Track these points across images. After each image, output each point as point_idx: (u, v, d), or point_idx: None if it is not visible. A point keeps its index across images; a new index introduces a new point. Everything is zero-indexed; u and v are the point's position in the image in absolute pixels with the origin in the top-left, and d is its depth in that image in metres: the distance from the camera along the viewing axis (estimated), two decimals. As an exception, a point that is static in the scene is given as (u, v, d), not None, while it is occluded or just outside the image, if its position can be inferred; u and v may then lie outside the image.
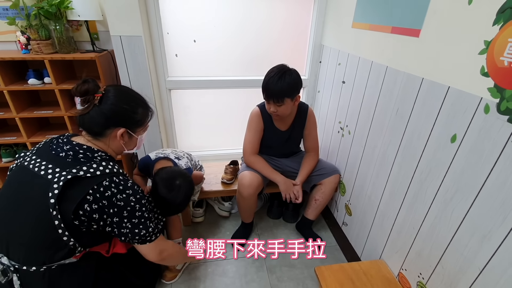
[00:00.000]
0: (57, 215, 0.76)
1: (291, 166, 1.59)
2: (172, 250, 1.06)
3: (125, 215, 0.85)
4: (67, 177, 0.77)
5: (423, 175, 0.97)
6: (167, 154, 1.37)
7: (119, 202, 0.83)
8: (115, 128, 0.89)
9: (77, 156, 0.83)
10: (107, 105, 0.87)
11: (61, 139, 0.87)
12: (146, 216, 0.90)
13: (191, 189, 1.21)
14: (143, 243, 0.93)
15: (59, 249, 0.82)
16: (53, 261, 0.84)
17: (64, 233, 0.78)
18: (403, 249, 1.09)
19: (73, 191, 0.78)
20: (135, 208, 0.86)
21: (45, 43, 1.46)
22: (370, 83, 1.26)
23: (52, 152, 0.84)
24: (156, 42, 1.57)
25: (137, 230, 0.88)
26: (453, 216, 0.86)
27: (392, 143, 1.12)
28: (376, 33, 1.20)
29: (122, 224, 0.85)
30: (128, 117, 0.92)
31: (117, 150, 0.94)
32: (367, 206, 1.33)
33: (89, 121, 0.87)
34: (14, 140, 1.61)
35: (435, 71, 0.91)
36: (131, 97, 0.95)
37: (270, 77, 1.27)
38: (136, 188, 0.89)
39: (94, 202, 0.79)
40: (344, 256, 1.56)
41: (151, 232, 0.92)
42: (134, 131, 0.95)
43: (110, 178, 0.83)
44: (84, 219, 0.80)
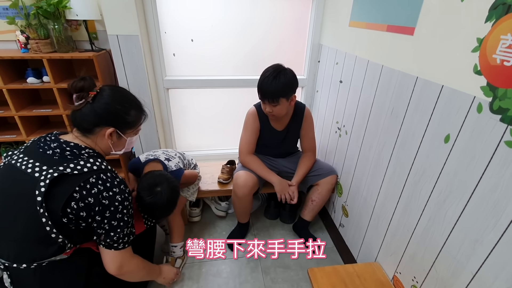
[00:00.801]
0: (45, 213, 0.76)
1: (287, 166, 1.58)
2: (135, 268, 1.00)
3: (107, 215, 0.83)
4: (53, 174, 0.77)
5: (417, 176, 0.95)
6: (157, 155, 1.35)
7: (104, 201, 0.82)
8: (104, 126, 0.89)
9: (64, 153, 0.83)
10: (100, 103, 0.87)
11: (48, 137, 0.87)
12: (125, 220, 0.88)
13: (175, 193, 1.20)
14: (109, 247, 0.89)
15: (49, 246, 0.81)
16: (43, 258, 0.84)
17: (52, 230, 0.78)
18: (397, 252, 1.07)
19: (60, 189, 0.77)
20: (118, 209, 0.85)
21: (44, 42, 1.48)
22: (366, 82, 1.24)
23: (40, 150, 0.84)
24: (153, 41, 1.57)
25: (112, 233, 0.86)
26: (446, 219, 0.84)
27: (387, 144, 1.10)
28: (372, 31, 1.18)
29: (101, 224, 0.84)
30: (119, 117, 0.91)
31: (105, 149, 0.94)
32: (363, 208, 1.31)
33: (80, 118, 0.88)
34: (13, 138, 1.63)
35: (429, 69, 0.89)
36: (126, 98, 0.95)
37: (265, 77, 1.26)
38: (123, 188, 0.88)
39: (81, 199, 0.79)
40: (341, 258, 1.53)
41: (121, 238, 0.89)
42: (124, 132, 0.94)
43: (97, 175, 0.83)
44: (72, 217, 0.79)
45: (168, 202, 1.15)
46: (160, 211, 1.17)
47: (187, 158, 1.53)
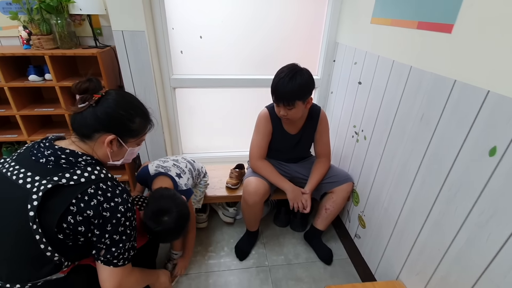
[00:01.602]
0: (38, 229, 0.68)
1: (300, 172, 1.49)
2: (134, 284, 0.92)
3: (108, 229, 0.75)
4: (47, 186, 0.69)
5: (452, 191, 0.85)
6: (168, 168, 1.25)
7: (105, 213, 0.74)
8: (104, 133, 0.80)
9: (59, 161, 0.75)
10: (102, 107, 0.79)
11: (42, 143, 0.79)
12: (127, 233, 0.81)
13: (185, 221, 1.08)
14: (107, 264, 0.80)
15: (44, 264, 0.74)
16: (38, 277, 0.76)
17: (47, 248, 0.70)
18: (425, 272, 0.97)
19: (54, 202, 0.69)
20: (120, 222, 0.77)
21: (46, 38, 1.40)
22: (391, 84, 1.13)
23: (33, 158, 0.76)
24: (160, 38, 1.49)
25: (113, 248, 0.78)
26: (490, 242, 0.74)
27: (415, 152, 1.00)
28: (398, 29, 1.07)
29: (101, 239, 0.76)
30: (122, 124, 0.83)
31: (102, 158, 0.85)
32: (384, 220, 1.21)
33: (80, 121, 0.79)
34: (15, 138, 1.56)
35: (470, 72, 0.78)
36: (131, 104, 0.86)
37: (280, 78, 1.17)
38: (125, 197, 0.80)
39: (79, 213, 0.71)
40: (356, 271, 1.44)
41: (121, 253, 0.81)
42: (126, 141, 0.85)
43: (96, 184, 0.75)
44: (69, 232, 0.71)
45: (176, 230, 1.06)
46: (168, 239, 1.09)
47: (197, 167, 1.43)
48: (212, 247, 1.55)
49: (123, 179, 1.78)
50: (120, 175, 1.77)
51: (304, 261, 1.49)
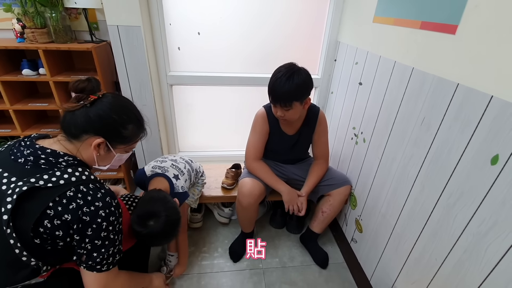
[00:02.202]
0: (12, 234, 0.64)
1: (297, 173, 1.45)
2: (121, 285, 0.88)
3: (88, 234, 0.72)
4: (22, 188, 0.65)
5: (452, 199, 0.81)
6: (166, 169, 1.21)
7: (85, 217, 0.71)
8: (93, 135, 0.77)
9: (38, 162, 0.71)
10: (96, 108, 0.77)
11: (24, 141, 0.76)
12: (110, 238, 0.77)
13: (173, 227, 1.01)
14: (90, 269, 0.77)
15: (20, 269, 0.70)
16: (15, 282, 0.72)
17: (22, 253, 0.67)
18: (421, 281, 0.94)
19: (30, 205, 0.66)
20: (101, 227, 0.73)
21: (40, 32, 1.38)
22: (392, 86, 1.10)
23: (12, 157, 0.72)
24: (157, 33, 1.46)
25: (95, 253, 0.75)
26: (488, 254, 0.71)
27: (415, 157, 0.97)
28: (401, 28, 1.04)
29: (81, 244, 0.72)
30: (113, 128, 0.80)
31: (87, 160, 0.81)
32: (381, 225, 1.18)
33: (70, 120, 0.77)
34: (8, 133, 1.54)
35: (474, 76, 0.75)
36: (126, 110, 0.83)
37: (277, 78, 1.13)
38: (108, 200, 0.76)
39: (56, 217, 0.67)
40: (352, 276, 1.41)
41: (105, 258, 0.77)
42: (114, 146, 0.82)
43: (76, 187, 0.71)
44: (47, 237, 0.68)
45: (163, 235, 1.00)
46: (154, 243, 1.03)
47: (194, 167, 1.40)
48: (205, 248, 1.52)
49: (118, 177, 1.76)
50: (115, 172, 1.75)
51: (299, 264, 1.46)
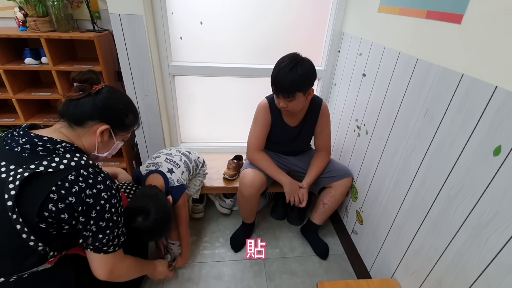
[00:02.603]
0: (18, 219, 0.65)
1: (299, 165, 1.45)
2: (126, 271, 0.92)
3: (93, 216, 0.74)
4: (23, 174, 0.66)
5: (453, 191, 0.81)
6: (159, 164, 1.22)
7: (88, 199, 0.72)
8: (99, 122, 0.80)
9: (36, 149, 0.72)
10: (102, 97, 0.81)
11: (16, 131, 0.76)
12: (114, 220, 0.79)
13: (160, 225, 1.03)
14: (97, 251, 0.79)
15: (28, 256, 0.72)
16: (22, 270, 0.74)
17: (29, 237, 0.68)
18: (420, 272, 0.95)
19: (33, 190, 0.67)
20: (105, 208, 0.76)
21: (42, 20, 1.37)
22: (396, 77, 1.08)
23: (6, 147, 0.73)
24: (159, 22, 1.44)
25: (100, 235, 0.77)
26: (488, 245, 0.71)
27: (417, 149, 0.96)
28: (407, 18, 1.02)
29: (86, 226, 0.74)
30: (118, 116, 0.85)
31: (88, 148, 0.83)
32: (381, 217, 1.18)
33: (75, 107, 0.79)
34: (12, 122, 1.56)
35: (479, 66, 0.74)
36: (127, 101, 0.90)
37: (280, 69, 1.12)
38: (109, 184, 0.78)
39: (60, 200, 0.68)
40: (352, 267, 1.42)
41: (111, 240, 0.80)
42: (116, 134, 0.87)
43: (77, 171, 0.72)
44: (52, 221, 0.69)
45: (152, 232, 1.02)
46: (145, 238, 1.05)
47: (193, 158, 1.40)
48: (207, 238, 1.54)
49: (121, 167, 1.77)
50: (118, 162, 1.77)
51: (300, 255, 1.47)
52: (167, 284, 1.28)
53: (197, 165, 1.42)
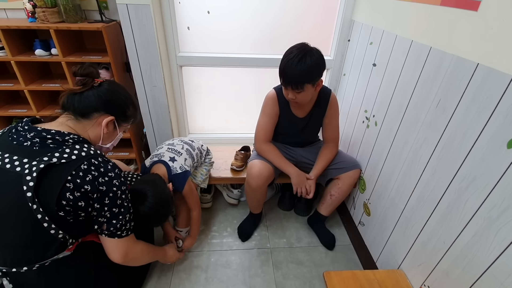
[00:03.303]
0: (39, 209, 0.69)
1: (306, 157, 1.45)
2: (139, 254, 0.97)
3: (106, 202, 0.78)
4: (39, 166, 0.69)
5: (464, 183, 0.80)
6: (161, 155, 1.25)
7: (102, 187, 0.76)
8: (104, 113, 0.84)
9: (45, 142, 0.74)
10: (105, 89, 0.85)
11: (20, 126, 0.78)
12: (125, 206, 0.84)
13: (157, 211, 1.06)
14: (112, 236, 0.85)
15: (49, 244, 0.76)
16: (44, 258, 0.78)
17: (50, 226, 0.72)
18: (428, 264, 0.95)
19: (50, 181, 0.70)
20: (117, 195, 0.80)
21: (51, 11, 1.38)
22: (407, 67, 1.06)
23: (14, 142, 0.74)
24: (166, 12, 1.43)
25: (114, 220, 0.82)
26: (498, 238, 0.70)
27: (428, 141, 0.95)
28: (420, 5, 0.98)
29: (101, 212, 0.78)
30: (121, 107, 0.90)
31: (94, 139, 0.86)
32: (389, 209, 1.18)
33: (80, 100, 0.81)
34: (24, 113, 1.59)
35: (495, 55, 0.71)
36: (127, 93, 0.95)
37: (288, 60, 1.10)
38: (118, 172, 0.82)
39: (76, 189, 0.72)
40: (358, 258, 1.43)
41: (124, 225, 0.85)
42: (119, 125, 0.92)
43: (89, 161, 0.76)
44: (70, 209, 0.73)
45: (151, 218, 1.05)
46: (145, 223, 1.07)
47: (196, 146, 1.41)
48: (215, 227, 1.57)
49: (130, 157, 1.80)
50: (127, 153, 1.79)
51: (306, 245, 1.49)
52: (176, 271, 1.31)
53: (201, 153, 1.44)
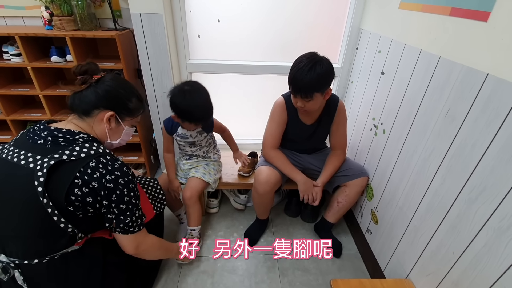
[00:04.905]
0: (49, 203, 0.72)
1: (313, 163, 1.46)
2: (151, 247, 1.01)
3: (113, 199, 0.80)
4: (50, 162, 0.72)
5: (474, 193, 0.79)
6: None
7: (109, 184, 0.78)
8: (104, 109, 0.85)
9: (57, 140, 0.79)
10: (103, 85, 0.85)
11: (37, 126, 0.83)
12: (133, 203, 0.86)
13: (206, 98, 1.20)
14: (124, 233, 0.88)
15: (59, 237, 0.79)
16: (55, 251, 0.81)
17: (60, 219, 0.75)
18: (436, 274, 0.94)
19: (59, 177, 0.73)
20: (124, 192, 0.82)
21: (67, 20, 1.43)
22: (416, 76, 1.06)
23: (30, 141, 0.79)
24: (178, 21, 1.47)
25: (122, 217, 0.85)
26: (508, 249, 0.69)
27: (437, 150, 0.95)
28: (429, 15, 0.99)
29: (109, 209, 0.81)
30: (120, 101, 0.89)
31: (101, 135, 0.89)
32: (397, 218, 1.17)
33: (80, 99, 0.84)
34: (39, 117, 1.64)
35: (506, 66, 0.71)
36: (129, 85, 0.93)
37: (298, 69, 1.11)
38: (125, 170, 0.84)
39: (84, 185, 0.75)
40: (365, 267, 1.42)
41: (134, 221, 0.89)
42: (123, 119, 0.91)
43: (97, 158, 0.79)
44: (78, 205, 0.76)
45: (200, 110, 1.16)
46: (194, 117, 1.18)
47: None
48: (222, 232, 1.58)
49: (139, 161, 1.83)
50: (136, 157, 1.83)
51: (313, 252, 1.48)
52: (183, 276, 1.32)
53: (213, 140, 1.50)
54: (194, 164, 1.45)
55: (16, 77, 1.69)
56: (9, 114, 1.63)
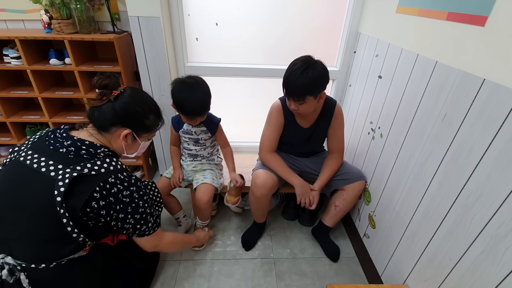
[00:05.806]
0: (65, 213, 0.73)
1: (311, 167, 1.45)
2: (168, 243, 1.08)
3: (129, 211, 0.85)
4: (72, 174, 0.74)
5: (470, 200, 0.79)
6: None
7: (125, 199, 0.83)
8: (121, 127, 0.87)
9: (80, 152, 0.81)
10: (121, 102, 0.86)
11: (59, 133, 0.84)
12: (148, 212, 0.91)
13: (204, 93, 1.23)
14: (141, 236, 0.95)
15: (68, 244, 0.81)
16: (62, 256, 0.83)
17: (73, 230, 0.77)
18: (434, 280, 0.93)
19: (79, 189, 0.76)
20: (139, 205, 0.87)
21: (66, 23, 1.43)
22: (413, 80, 1.06)
23: (51, 147, 0.80)
24: (176, 24, 1.47)
25: (138, 225, 0.90)
26: (506, 257, 0.68)
27: (434, 155, 0.94)
28: (426, 19, 0.99)
29: (126, 220, 0.86)
30: (137, 119, 0.90)
31: (118, 150, 0.91)
32: (395, 222, 1.16)
33: (99, 115, 0.86)
34: (38, 119, 1.64)
35: (502, 71, 0.71)
36: (146, 102, 0.94)
37: (292, 71, 1.12)
38: (139, 185, 0.88)
39: (102, 199, 0.78)
40: (363, 271, 1.41)
41: (150, 227, 0.95)
42: (139, 136, 0.93)
43: (115, 175, 0.82)
44: (92, 215, 0.78)
45: (194, 101, 1.18)
46: (195, 110, 1.22)
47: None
48: (219, 235, 1.57)
49: (137, 164, 1.83)
50: (134, 159, 1.82)
51: (310, 256, 1.48)
52: (179, 280, 1.31)
53: (216, 143, 1.51)
54: (198, 167, 1.44)
55: (16, 80, 1.70)
56: (9, 116, 1.64)
